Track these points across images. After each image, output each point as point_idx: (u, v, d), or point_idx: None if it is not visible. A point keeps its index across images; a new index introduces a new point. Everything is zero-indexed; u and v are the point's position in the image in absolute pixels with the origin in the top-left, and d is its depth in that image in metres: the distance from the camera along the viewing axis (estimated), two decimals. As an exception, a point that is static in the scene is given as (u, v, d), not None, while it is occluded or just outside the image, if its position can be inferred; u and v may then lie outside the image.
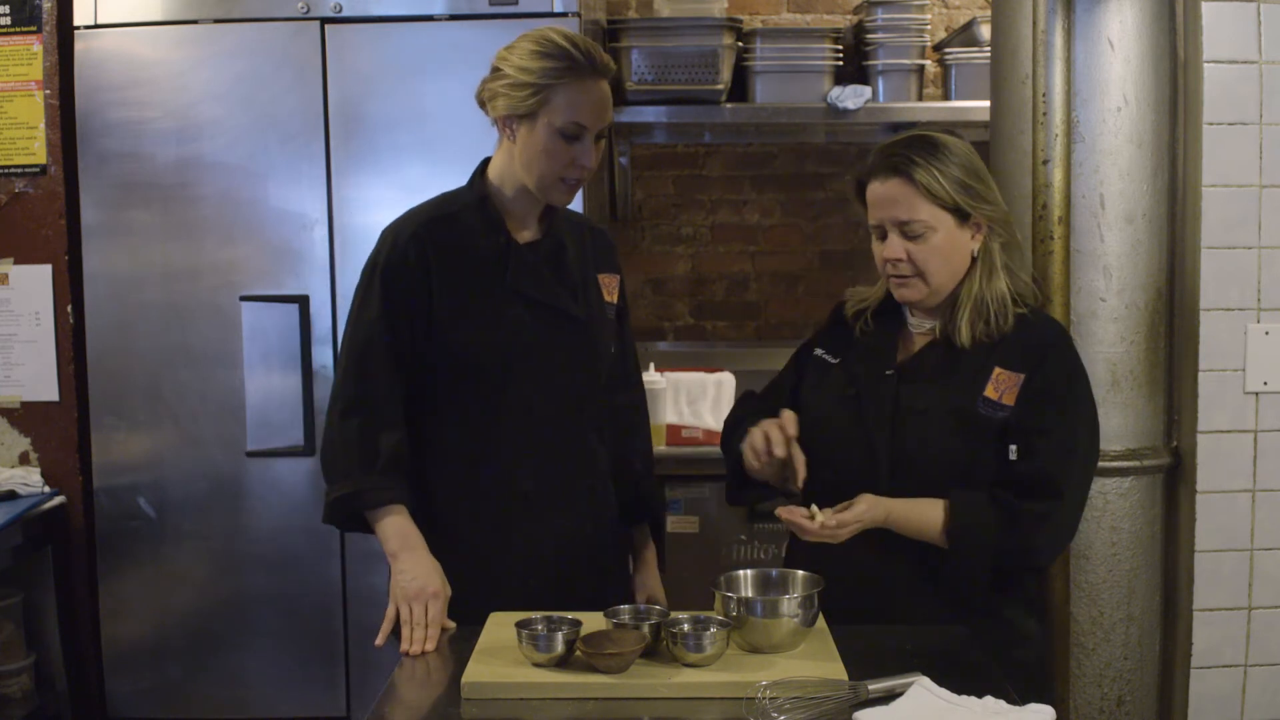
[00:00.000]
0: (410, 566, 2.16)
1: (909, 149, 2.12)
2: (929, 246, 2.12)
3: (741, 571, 2.05)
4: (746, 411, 2.35)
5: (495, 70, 2.22)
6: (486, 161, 2.33)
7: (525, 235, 2.32)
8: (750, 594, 2.01)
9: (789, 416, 2.19)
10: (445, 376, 2.27)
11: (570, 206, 2.37)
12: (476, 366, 2.25)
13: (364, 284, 2.27)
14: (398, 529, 2.19)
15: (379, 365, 2.23)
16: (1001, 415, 2.11)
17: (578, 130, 2.18)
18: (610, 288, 2.42)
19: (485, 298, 2.25)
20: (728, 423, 2.39)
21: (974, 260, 2.17)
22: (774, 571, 2.05)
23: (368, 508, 2.20)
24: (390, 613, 2.14)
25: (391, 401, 2.24)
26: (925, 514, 2.10)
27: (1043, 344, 2.17)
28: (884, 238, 2.16)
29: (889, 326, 2.25)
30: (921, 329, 2.23)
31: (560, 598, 2.15)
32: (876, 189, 2.15)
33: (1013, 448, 2.12)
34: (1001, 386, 2.13)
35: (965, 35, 3.87)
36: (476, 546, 2.26)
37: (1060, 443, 2.12)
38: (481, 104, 2.26)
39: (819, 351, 2.32)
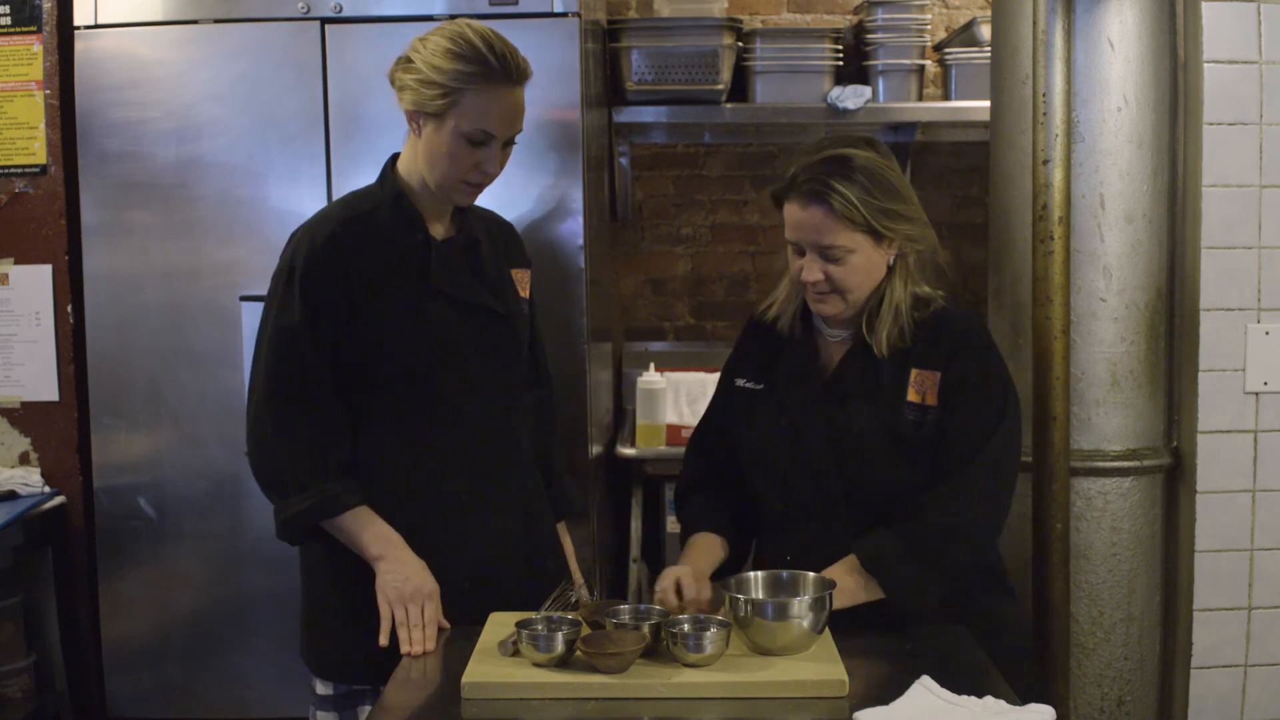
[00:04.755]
0: (399, 568, 2.13)
1: (827, 174, 2.08)
2: (848, 268, 2.11)
3: (751, 573, 2.04)
4: (694, 481, 2.36)
5: (407, 60, 2.16)
6: (395, 157, 2.28)
7: (439, 231, 2.27)
8: (760, 595, 2.00)
9: (686, 573, 2.14)
10: (371, 380, 2.20)
11: (570, 207, 2.35)
12: (402, 368, 2.20)
13: (280, 289, 2.19)
14: (373, 531, 2.15)
15: (309, 371, 2.16)
16: (931, 418, 2.11)
17: (484, 137, 2.13)
18: (523, 283, 2.39)
19: (408, 298, 2.20)
20: (680, 489, 2.39)
21: (890, 270, 2.16)
22: (784, 574, 2.04)
23: (331, 516, 2.15)
24: (386, 614, 2.11)
25: (329, 407, 2.18)
26: (841, 582, 2.04)
27: (953, 337, 2.15)
28: (801, 254, 2.14)
29: (807, 342, 2.24)
30: (838, 338, 2.22)
31: (497, 599, 2.14)
32: (795, 212, 2.12)
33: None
34: (923, 387, 2.12)
35: (965, 35, 3.86)
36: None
37: (964, 424, 2.10)
38: (392, 82, 2.20)
39: (740, 382, 2.30)
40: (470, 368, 2.25)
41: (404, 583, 2.12)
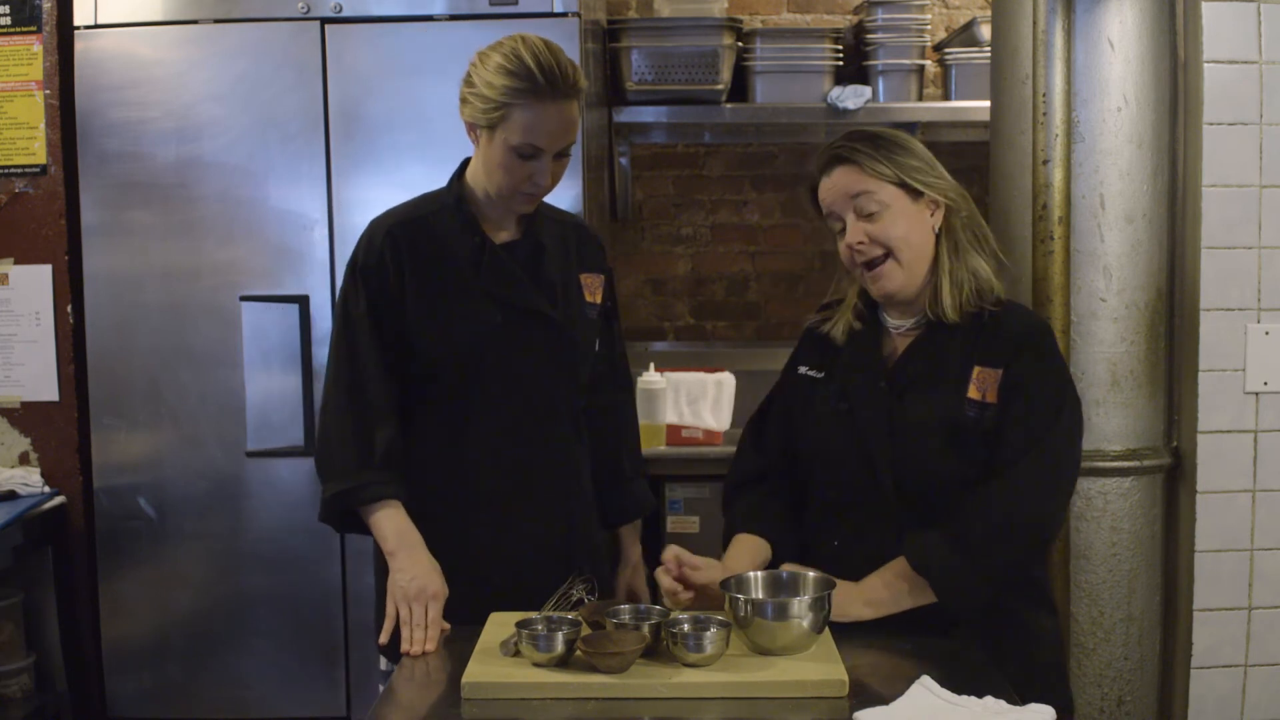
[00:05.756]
0: (409, 566, 2.15)
1: (850, 141, 2.13)
2: (886, 222, 2.10)
3: (751, 573, 2.04)
4: (745, 476, 2.32)
5: (468, 74, 2.21)
6: (468, 161, 2.32)
7: (503, 236, 2.31)
8: (760, 595, 2.00)
9: (670, 555, 2.11)
10: (418, 377, 2.26)
11: (570, 207, 2.35)
12: (447, 368, 2.25)
13: (348, 282, 2.29)
14: (394, 527, 2.19)
15: (368, 363, 2.23)
16: (989, 415, 2.08)
17: (533, 151, 2.17)
18: (593, 288, 2.40)
19: (458, 299, 2.25)
20: (729, 482, 2.35)
21: (938, 239, 2.15)
22: (784, 573, 2.03)
23: (362, 504, 2.19)
24: (390, 612, 2.14)
25: (384, 398, 2.24)
26: (890, 584, 2.05)
27: (1016, 335, 2.13)
28: (843, 231, 2.14)
29: (871, 333, 2.23)
30: (902, 329, 2.20)
31: (533, 600, 2.15)
32: (825, 184, 2.15)
33: None
34: (984, 385, 2.10)
35: (965, 35, 3.87)
36: (439, 548, 2.21)
37: (1017, 422, 2.07)
38: None
39: (803, 369, 2.29)
40: (516, 370, 2.28)
41: (410, 582, 2.13)
